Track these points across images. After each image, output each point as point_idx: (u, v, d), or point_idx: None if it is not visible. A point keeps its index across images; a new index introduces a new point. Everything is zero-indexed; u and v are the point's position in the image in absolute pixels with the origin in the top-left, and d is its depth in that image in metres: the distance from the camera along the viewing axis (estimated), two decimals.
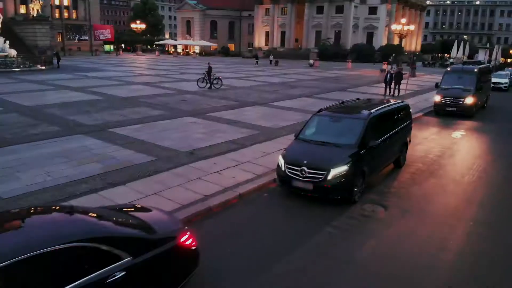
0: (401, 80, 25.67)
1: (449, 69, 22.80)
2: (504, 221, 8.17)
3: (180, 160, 11.01)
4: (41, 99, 20.26)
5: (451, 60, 66.48)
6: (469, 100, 19.65)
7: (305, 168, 8.44)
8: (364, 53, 72.74)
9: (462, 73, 21.12)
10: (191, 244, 5.09)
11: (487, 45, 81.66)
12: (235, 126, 15.49)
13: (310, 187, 8.48)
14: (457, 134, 16.17)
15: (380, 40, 79.91)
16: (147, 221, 4.99)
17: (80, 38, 75.33)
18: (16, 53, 37.28)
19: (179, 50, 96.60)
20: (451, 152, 13.43)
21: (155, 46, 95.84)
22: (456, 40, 63.30)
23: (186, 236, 5.04)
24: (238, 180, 9.74)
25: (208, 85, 26.92)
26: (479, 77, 20.80)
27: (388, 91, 26.09)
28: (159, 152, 11.65)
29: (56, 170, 9.83)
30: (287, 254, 6.54)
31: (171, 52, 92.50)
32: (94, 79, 30.64)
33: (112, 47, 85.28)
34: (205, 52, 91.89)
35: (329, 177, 8.24)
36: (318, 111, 10.33)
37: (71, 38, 73.88)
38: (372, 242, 7.09)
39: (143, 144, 12.40)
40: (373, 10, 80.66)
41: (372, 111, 9.64)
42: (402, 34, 44.72)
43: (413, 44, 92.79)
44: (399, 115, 11.10)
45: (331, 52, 73.47)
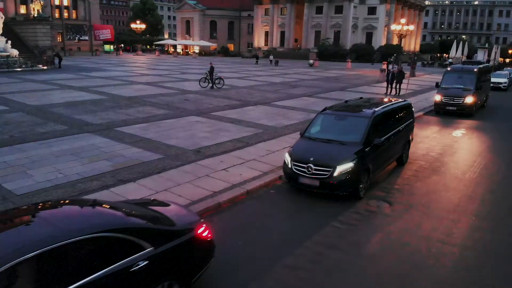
0: (402, 80, 25.94)
1: (449, 69, 23.07)
2: (505, 216, 8.42)
3: (188, 158, 11.23)
4: (46, 99, 20.45)
5: (450, 60, 66.76)
6: (469, 100, 19.91)
7: (312, 165, 8.66)
8: (363, 53, 73.11)
9: (462, 73, 21.40)
10: (207, 236, 5.31)
11: (486, 45, 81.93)
12: (239, 125, 15.71)
13: (317, 184, 8.70)
14: (458, 133, 16.42)
15: (379, 40, 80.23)
16: (166, 214, 5.21)
17: (81, 38, 75.45)
18: (18, 53, 37.43)
19: (179, 50, 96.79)
20: (452, 150, 13.66)
21: (154, 46, 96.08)
22: (455, 40, 63.58)
23: (203, 228, 5.26)
24: (245, 177, 9.97)
25: (210, 85, 27.14)
26: (479, 77, 21.06)
27: (390, 91, 26.37)
28: (166, 150, 11.88)
29: (67, 168, 10.04)
30: (297, 247, 6.77)
31: (171, 52, 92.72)
32: (97, 79, 30.84)
33: (112, 47, 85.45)
34: (205, 52, 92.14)
35: (335, 174, 8.47)
36: (323, 110, 10.56)
37: (71, 38, 74.00)
38: (379, 236, 7.33)
39: (150, 143, 12.62)
40: (372, 10, 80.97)
41: (376, 110, 9.88)
42: (402, 34, 44.96)
43: (412, 44, 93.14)
44: (402, 114, 11.34)
45: (331, 52, 73.79)
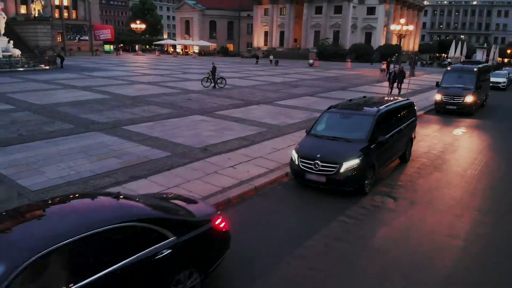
0: (403, 79, 26.24)
1: (450, 69, 23.35)
2: (507, 211, 8.68)
3: (195, 156, 11.47)
4: (51, 98, 20.66)
5: (449, 60, 67.11)
6: (469, 99, 20.18)
7: (319, 162, 8.91)
8: (363, 53, 73.42)
9: (462, 73, 21.68)
10: (224, 227, 5.56)
11: (485, 45, 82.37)
12: (243, 124, 15.94)
13: (323, 180, 8.95)
14: (458, 131, 16.70)
15: (378, 40, 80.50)
16: (186, 206, 5.46)
17: (81, 38, 75.59)
18: (20, 53, 37.62)
19: (178, 50, 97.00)
20: (453, 148, 13.93)
21: (154, 46, 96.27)
22: (454, 40, 63.89)
23: (220, 220, 5.51)
24: (252, 174, 10.20)
25: (213, 85, 27.38)
26: (479, 77, 21.34)
27: (391, 90, 26.68)
28: (174, 148, 12.11)
29: (78, 165, 10.27)
30: (307, 239, 7.02)
31: (171, 52, 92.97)
32: (99, 79, 31.05)
33: (112, 47, 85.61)
34: (204, 52, 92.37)
35: (342, 170, 8.72)
36: (328, 108, 10.81)
37: (72, 38, 74.13)
38: (384, 229, 7.59)
39: (158, 141, 12.85)
40: (371, 10, 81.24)
41: (381, 108, 10.14)
42: (401, 34, 45.25)
43: (411, 44, 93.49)
44: (405, 112, 11.60)
45: (330, 52, 74.05)
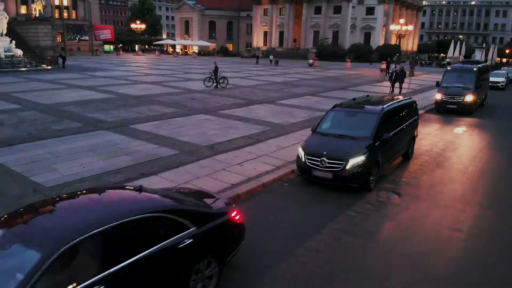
0: (404, 79, 26.56)
1: (450, 68, 23.65)
2: (508, 206, 8.95)
3: (203, 153, 11.71)
4: (56, 98, 20.89)
5: (448, 60, 67.48)
6: (469, 98, 20.47)
7: (325, 159, 9.16)
8: (362, 53, 73.75)
9: (462, 72, 21.97)
10: (239, 220, 5.81)
11: (483, 45, 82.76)
12: (248, 123, 16.19)
13: (330, 176, 9.21)
14: (459, 130, 16.99)
15: (377, 40, 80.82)
16: (204, 199, 5.72)
17: (81, 38, 75.74)
18: (22, 53, 37.80)
19: (178, 50, 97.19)
20: (454, 146, 14.21)
21: (153, 46, 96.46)
22: (453, 40, 64.25)
23: (235, 213, 5.77)
24: (259, 171, 10.45)
25: (215, 84, 27.64)
26: (478, 76, 21.63)
27: (392, 89, 27.01)
28: (181, 146, 12.35)
29: (89, 162, 10.51)
30: (316, 233, 7.28)
31: (170, 52, 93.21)
32: (101, 78, 31.27)
33: (112, 47, 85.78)
34: (204, 52, 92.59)
35: (348, 167, 8.98)
36: (333, 107, 11.07)
37: (72, 38, 74.28)
38: (390, 223, 7.86)
39: (165, 139, 13.09)
40: (371, 11, 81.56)
41: (385, 107, 10.41)
42: (401, 34, 45.56)
43: (410, 44, 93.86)
44: (408, 111, 11.88)
45: (329, 52, 74.36)
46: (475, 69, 21.82)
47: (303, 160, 9.62)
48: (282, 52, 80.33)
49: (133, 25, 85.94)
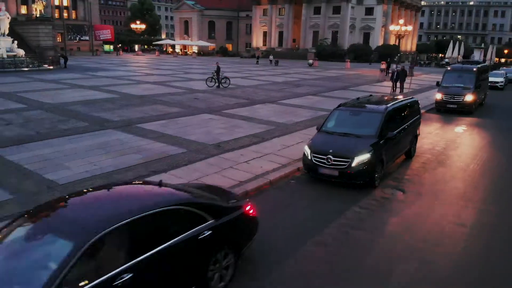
0: (405, 78, 26.90)
1: (450, 68, 23.95)
2: (509, 202, 9.24)
3: (210, 152, 11.95)
4: (60, 97, 21.10)
5: (447, 60, 67.87)
6: (469, 98, 20.76)
7: (331, 157, 9.41)
8: (361, 53, 74.11)
9: (462, 72, 22.27)
10: (253, 213, 6.07)
11: (482, 45, 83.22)
12: (252, 122, 16.43)
13: (336, 173, 9.46)
14: (459, 129, 17.28)
15: (377, 40, 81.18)
16: (220, 194, 5.97)
17: (81, 38, 75.84)
18: (24, 53, 37.98)
19: (177, 50, 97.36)
20: (455, 145, 14.48)
21: (152, 46, 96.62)
22: (452, 40, 64.64)
23: (249, 207, 6.02)
24: (266, 169, 10.69)
25: (217, 84, 27.87)
26: (478, 76, 21.94)
27: (394, 89, 27.34)
28: (189, 145, 12.59)
29: (100, 160, 10.74)
30: (325, 227, 7.54)
31: (170, 52, 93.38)
32: (103, 78, 31.48)
33: (112, 47, 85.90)
34: (203, 52, 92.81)
35: (353, 164, 9.23)
36: (338, 106, 11.32)
37: (72, 39, 74.37)
38: (396, 218, 8.13)
39: (172, 138, 13.33)
40: (370, 11, 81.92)
41: (388, 106, 10.67)
42: (400, 35, 45.86)
43: (409, 44, 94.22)
44: (410, 110, 12.14)
45: (329, 52, 74.73)
46: (475, 69, 22.12)
47: (309, 158, 9.87)
48: (282, 52, 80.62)
49: (133, 25, 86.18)
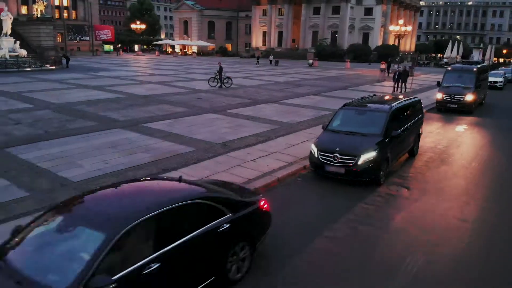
0: (407, 78, 27.24)
1: (450, 69, 24.25)
2: (510, 199, 9.51)
3: (217, 151, 12.21)
4: (66, 97, 21.33)
5: (445, 60, 68.24)
6: (469, 98, 21.07)
7: (338, 155, 9.68)
8: (361, 53, 74.39)
9: (462, 72, 22.58)
10: (267, 208, 6.34)
11: (480, 45, 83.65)
12: (256, 122, 16.68)
13: (342, 171, 9.73)
14: (460, 128, 17.59)
15: (376, 41, 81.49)
16: (236, 189, 6.24)
17: (82, 38, 76.05)
18: (26, 53, 38.19)
19: (177, 50, 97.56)
20: (457, 144, 14.77)
21: (151, 46, 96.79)
22: (451, 40, 65.01)
23: (263, 202, 6.30)
24: (273, 167, 10.95)
25: (219, 84, 28.13)
26: (478, 76, 22.25)
27: (396, 89, 27.66)
28: (196, 144, 12.85)
29: (111, 159, 10.99)
30: (333, 223, 7.81)
31: (170, 52, 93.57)
32: (107, 79, 31.71)
33: (112, 47, 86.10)
34: (203, 52, 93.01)
35: (360, 162, 9.51)
36: (343, 106, 11.59)
37: (73, 39, 74.59)
38: (402, 214, 8.41)
39: (179, 137, 13.58)
40: (369, 11, 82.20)
41: (393, 105, 10.95)
42: (400, 35, 46.18)
43: (408, 44, 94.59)
44: (413, 109, 12.43)
45: (328, 52, 74.99)
46: (475, 69, 22.43)
47: (316, 156, 10.13)
48: (281, 52, 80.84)
49: (133, 25, 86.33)
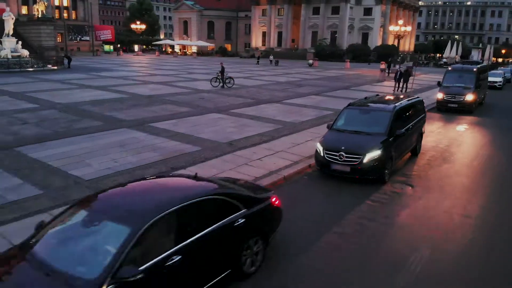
0: (408, 78, 27.53)
1: (450, 69, 24.50)
2: (511, 198, 9.76)
3: (223, 150, 12.43)
4: (71, 97, 21.52)
5: (445, 60, 68.60)
6: (469, 97, 21.33)
7: (343, 153, 9.91)
8: (360, 53, 74.68)
9: (463, 72, 22.85)
10: (278, 204, 6.58)
11: (479, 45, 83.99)
12: (260, 121, 16.90)
13: (347, 169, 9.96)
14: (461, 128, 17.84)
15: (375, 41, 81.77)
16: (249, 186, 6.47)
17: (82, 39, 76.20)
18: (28, 54, 38.35)
19: (177, 50, 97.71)
20: (458, 143, 15.02)
21: (151, 46, 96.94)
22: (450, 40, 65.32)
23: (275, 198, 6.54)
24: (279, 166, 11.17)
25: (221, 84, 28.34)
26: (478, 76, 22.52)
27: (397, 89, 27.93)
28: (202, 143, 13.06)
29: (120, 158, 11.20)
30: (341, 219, 8.04)
31: (170, 52, 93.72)
32: (110, 79, 31.90)
33: (112, 48, 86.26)
34: (203, 52, 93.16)
35: (365, 161, 9.74)
36: (348, 105, 11.82)
37: (73, 39, 74.74)
38: (406, 211, 8.65)
39: (185, 137, 13.79)
40: (368, 11, 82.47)
41: (397, 105, 11.19)
42: (399, 35, 46.44)
43: (407, 45, 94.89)
44: (416, 109, 12.67)
45: (328, 52, 75.22)
46: (475, 70, 22.69)
47: (322, 155, 10.35)
48: (281, 52, 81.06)
49: (133, 26, 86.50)
